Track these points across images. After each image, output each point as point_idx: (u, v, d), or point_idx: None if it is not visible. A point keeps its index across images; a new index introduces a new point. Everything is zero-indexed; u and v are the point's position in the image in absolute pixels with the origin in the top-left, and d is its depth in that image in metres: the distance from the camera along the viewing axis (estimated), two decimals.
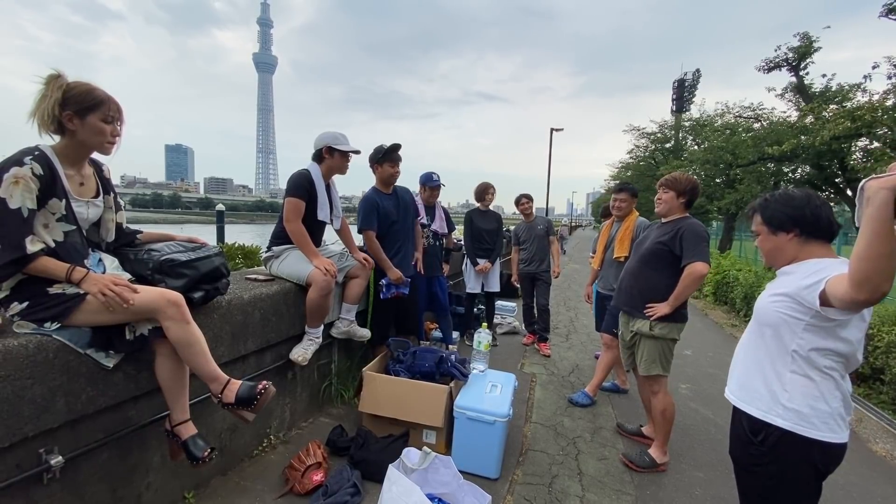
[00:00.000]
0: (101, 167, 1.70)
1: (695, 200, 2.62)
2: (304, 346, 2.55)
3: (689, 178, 2.63)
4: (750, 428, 1.42)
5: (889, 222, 1.04)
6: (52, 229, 1.46)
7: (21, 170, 1.36)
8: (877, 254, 1.05)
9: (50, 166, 1.44)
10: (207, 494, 2.04)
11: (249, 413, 1.70)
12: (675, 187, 2.57)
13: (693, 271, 2.42)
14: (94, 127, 1.50)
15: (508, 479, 2.41)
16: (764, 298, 1.44)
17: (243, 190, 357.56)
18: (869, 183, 1.08)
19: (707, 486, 2.49)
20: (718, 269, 8.50)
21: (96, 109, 1.49)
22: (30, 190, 1.37)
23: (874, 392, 3.88)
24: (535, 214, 4.84)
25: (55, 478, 1.45)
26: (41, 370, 1.37)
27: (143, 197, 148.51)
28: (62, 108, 1.45)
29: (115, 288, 1.45)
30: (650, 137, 19.77)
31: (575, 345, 5.11)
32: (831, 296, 1.19)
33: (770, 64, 9.90)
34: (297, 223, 2.53)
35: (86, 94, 1.48)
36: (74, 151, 1.54)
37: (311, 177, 2.58)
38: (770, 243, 1.44)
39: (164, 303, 1.53)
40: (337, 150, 2.63)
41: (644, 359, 2.60)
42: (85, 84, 1.50)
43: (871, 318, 4.18)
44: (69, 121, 1.47)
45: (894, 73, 7.73)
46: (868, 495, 2.52)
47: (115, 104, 1.54)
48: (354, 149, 2.67)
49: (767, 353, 1.39)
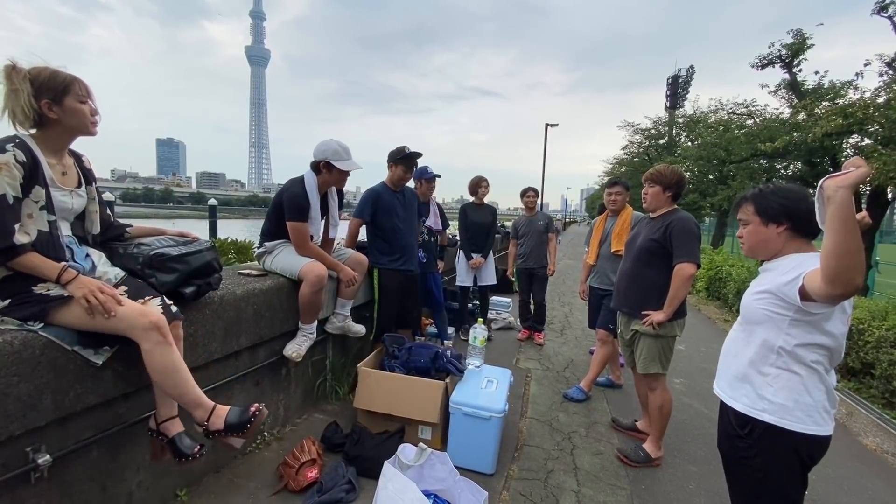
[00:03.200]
0: (80, 158, 1.66)
1: (681, 193, 2.57)
2: (297, 342, 2.53)
3: (674, 170, 2.57)
4: (736, 421, 1.44)
5: (852, 219, 1.07)
6: (36, 219, 1.42)
7: (3, 156, 1.32)
8: (845, 250, 1.08)
9: (32, 154, 1.40)
10: (200, 492, 2.01)
11: (238, 439, 1.60)
12: (660, 181, 2.53)
13: (681, 273, 2.41)
14: (74, 110, 1.47)
15: (504, 475, 2.41)
16: (748, 296, 1.46)
17: (236, 185, 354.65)
18: (827, 182, 1.11)
19: (701, 480, 2.50)
20: (711, 264, 8.56)
21: (69, 92, 1.46)
22: (13, 177, 1.33)
23: (864, 387, 3.93)
24: (538, 210, 4.82)
25: (43, 477, 1.42)
26: (27, 367, 1.33)
27: (134, 192, 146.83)
28: (37, 98, 1.41)
29: (101, 296, 1.40)
30: (644, 134, 19.80)
31: (570, 340, 5.12)
32: (810, 290, 1.21)
33: (764, 61, 9.93)
34: (309, 247, 2.54)
35: (53, 79, 1.44)
36: (57, 139, 1.50)
37: (305, 192, 2.52)
38: (758, 235, 1.44)
39: (146, 324, 1.44)
40: (335, 167, 2.54)
41: (643, 357, 2.59)
42: (44, 68, 1.46)
43: (862, 314, 4.22)
44: (49, 109, 1.43)
45: (886, 71, 7.80)
46: (858, 489, 2.55)
47: (82, 83, 1.50)
48: (356, 166, 2.58)
49: (754, 349, 1.41)
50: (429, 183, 3.90)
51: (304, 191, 2.52)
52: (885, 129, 6.63)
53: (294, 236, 2.51)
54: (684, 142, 17.58)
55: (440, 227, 4.15)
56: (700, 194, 13.28)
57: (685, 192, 2.74)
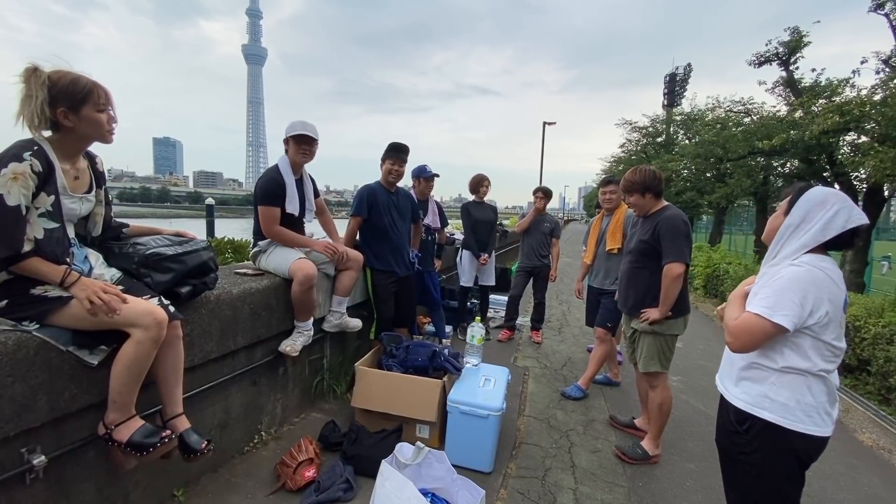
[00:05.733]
0: (94, 159, 1.65)
1: (661, 187, 2.51)
2: (293, 338, 2.52)
3: (643, 172, 2.51)
4: (736, 417, 1.44)
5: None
6: (33, 225, 1.40)
7: (20, 165, 1.32)
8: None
9: (48, 162, 1.40)
10: (197, 492, 2.01)
11: (131, 459, 1.52)
12: (635, 189, 2.51)
13: (669, 273, 2.40)
14: (90, 119, 1.46)
15: (502, 473, 2.41)
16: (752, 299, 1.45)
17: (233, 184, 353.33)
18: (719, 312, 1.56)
19: (698, 477, 2.51)
20: (709, 262, 8.58)
21: (87, 101, 1.45)
22: (27, 187, 1.34)
23: (861, 383, 3.95)
24: (547, 212, 4.77)
25: (38, 478, 1.42)
26: (21, 368, 1.32)
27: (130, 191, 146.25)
28: (53, 105, 1.40)
29: (104, 296, 1.40)
30: (642, 132, 19.78)
31: (567, 338, 5.13)
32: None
33: (761, 58, 9.93)
34: (275, 229, 2.51)
35: (72, 86, 1.43)
36: (72, 145, 1.50)
37: (279, 175, 2.51)
38: (775, 221, 1.45)
39: (150, 321, 1.45)
40: (290, 138, 2.54)
41: (643, 355, 2.59)
42: (67, 73, 1.44)
43: (859, 311, 4.22)
44: (64, 118, 1.42)
45: (882, 68, 7.81)
46: (855, 485, 2.56)
47: (102, 90, 1.49)
48: (303, 132, 2.51)
49: (759, 350, 1.40)
50: (427, 181, 3.90)
51: (277, 173, 2.53)
52: (882, 126, 6.64)
53: (262, 220, 2.51)
54: (682, 140, 17.58)
55: (438, 226, 4.15)
56: (698, 192, 13.29)
57: (682, 190, 2.72)
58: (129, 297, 1.48)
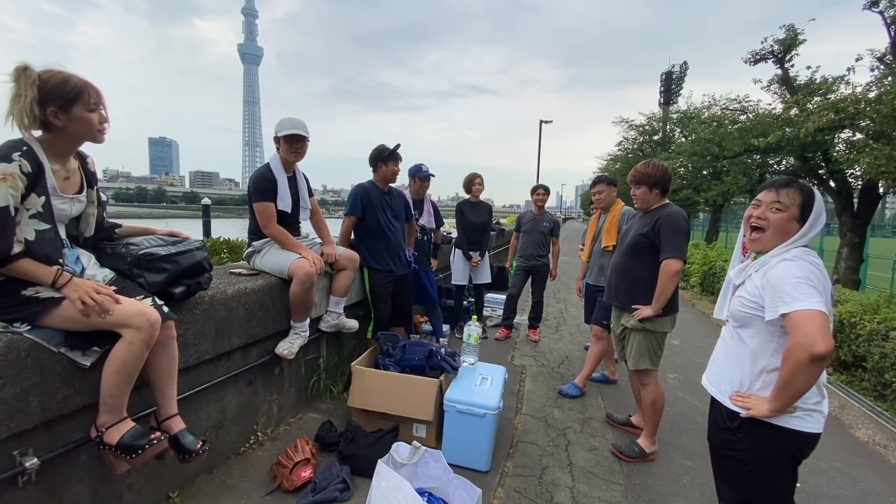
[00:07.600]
0: (85, 160, 1.64)
1: (669, 186, 2.53)
2: (289, 340, 2.51)
3: (656, 166, 2.53)
4: (727, 414, 1.45)
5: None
6: (23, 226, 1.39)
7: (9, 166, 1.30)
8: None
9: (38, 163, 1.38)
10: (193, 493, 2.00)
11: (123, 463, 1.51)
12: (644, 182, 2.51)
13: (667, 269, 2.40)
14: (81, 119, 1.44)
15: (499, 472, 2.41)
16: (735, 302, 1.46)
17: (230, 184, 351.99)
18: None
19: (695, 474, 2.52)
20: (706, 260, 8.60)
21: (78, 100, 1.43)
22: (16, 188, 1.32)
23: (856, 379, 3.96)
24: (546, 210, 4.77)
25: (31, 480, 1.40)
26: (12, 370, 1.31)
27: (126, 191, 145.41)
28: (42, 105, 1.38)
29: (97, 297, 1.39)
30: (638, 130, 19.81)
31: (564, 336, 5.13)
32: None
33: (756, 56, 9.94)
34: (273, 226, 2.50)
35: (63, 85, 1.41)
36: (62, 145, 1.48)
37: (270, 172, 2.51)
38: (785, 228, 1.37)
39: (143, 322, 1.44)
40: (281, 137, 2.53)
41: (633, 353, 2.59)
42: (57, 73, 1.43)
43: (854, 308, 4.24)
44: (55, 117, 1.41)
45: (877, 66, 7.83)
46: (851, 480, 2.57)
47: (93, 89, 1.47)
48: (293, 131, 2.50)
49: (748, 350, 1.41)
50: (423, 181, 3.89)
51: (268, 170, 2.52)
52: (877, 123, 6.66)
53: (259, 216, 2.50)
54: (678, 137, 17.62)
55: (433, 226, 4.14)
56: (694, 190, 13.33)
57: (679, 188, 2.73)
58: (121, 298, 1.47)
